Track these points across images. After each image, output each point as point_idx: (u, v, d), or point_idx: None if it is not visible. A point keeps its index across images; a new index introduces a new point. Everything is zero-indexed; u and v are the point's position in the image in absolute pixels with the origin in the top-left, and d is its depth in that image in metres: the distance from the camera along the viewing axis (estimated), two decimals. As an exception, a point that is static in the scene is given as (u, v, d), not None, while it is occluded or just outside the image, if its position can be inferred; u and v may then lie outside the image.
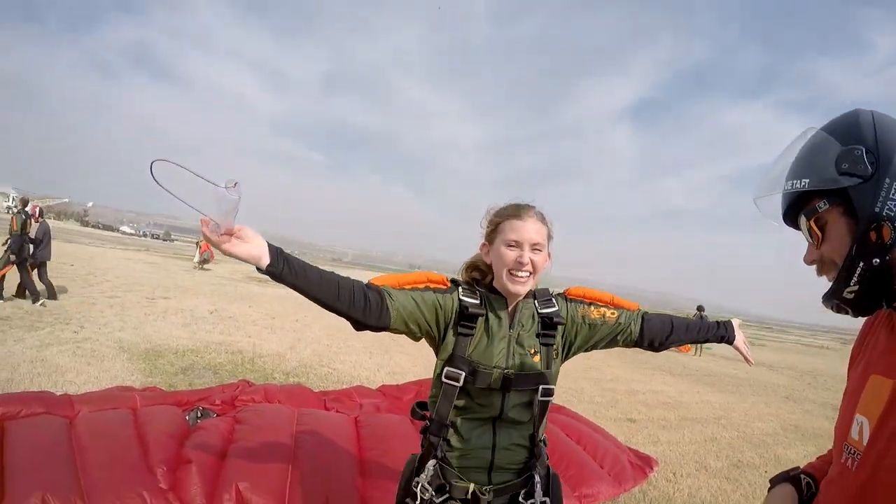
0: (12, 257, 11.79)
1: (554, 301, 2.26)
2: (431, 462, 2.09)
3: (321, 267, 1.92)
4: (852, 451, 1.24)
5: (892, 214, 1.18)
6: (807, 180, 1.29)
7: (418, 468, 2.16)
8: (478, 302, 2.15)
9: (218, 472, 3.59)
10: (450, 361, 2.09)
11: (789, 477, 1.58)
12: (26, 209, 12.39)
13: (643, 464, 5.41)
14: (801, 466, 1.62)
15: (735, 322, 2.58)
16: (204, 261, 32.04)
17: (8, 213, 12.01)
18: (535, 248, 2.10)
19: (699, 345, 22.39)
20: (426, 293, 2.11)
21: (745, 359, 2.55)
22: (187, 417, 4.55)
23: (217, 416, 4.70)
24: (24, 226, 12.06)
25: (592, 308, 2.28)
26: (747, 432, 9.03)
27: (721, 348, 27.48)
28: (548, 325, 2.18)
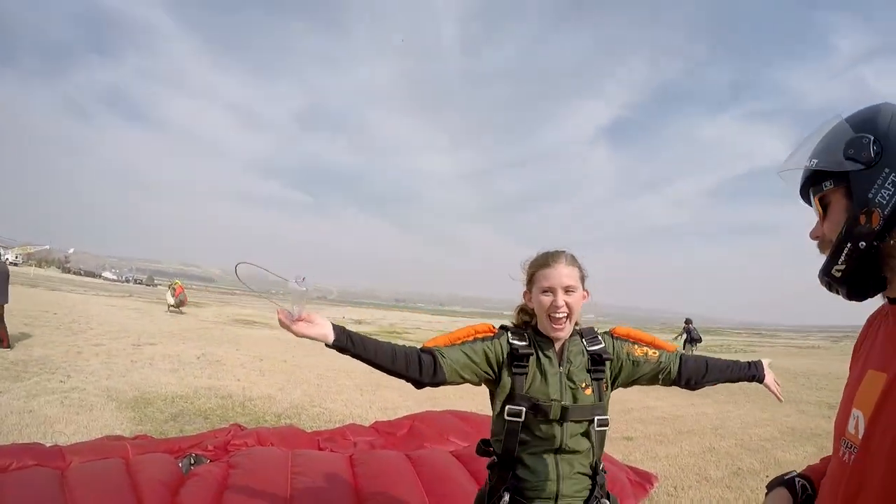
0: None
1: (600, 338, 2.44)
2: (507, 496, 2.25)
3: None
4: (849, 446, 1.28)
5: (884, 202, 1.25)
6: (816, 160, 1.40)
7: (489, 501, 2.33)
8: (526, 343, 2.35)
9: (214, 518, 3.54)
10: (510, 400, 2.30)
11: (783, 481, 1.62)
12: None
13: (643, 480, 5.38)
14: (799, 469, 1.66)
15: (765, 362, 2.77)
16: (180, 303, 31.71)
17: None
18: (567, 290, 2.30)
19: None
20: (475, 344, 2.32)
21: (776, 396, 2.69)
22: (180, 465, 4.48)
23: (210, 461, 4.64)
24: None
25: (636, 346, 2.47)
26: (745, 439, 9.05)
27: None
28: (597, 361, 2.36)
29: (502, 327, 2.46)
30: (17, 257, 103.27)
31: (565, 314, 2.29)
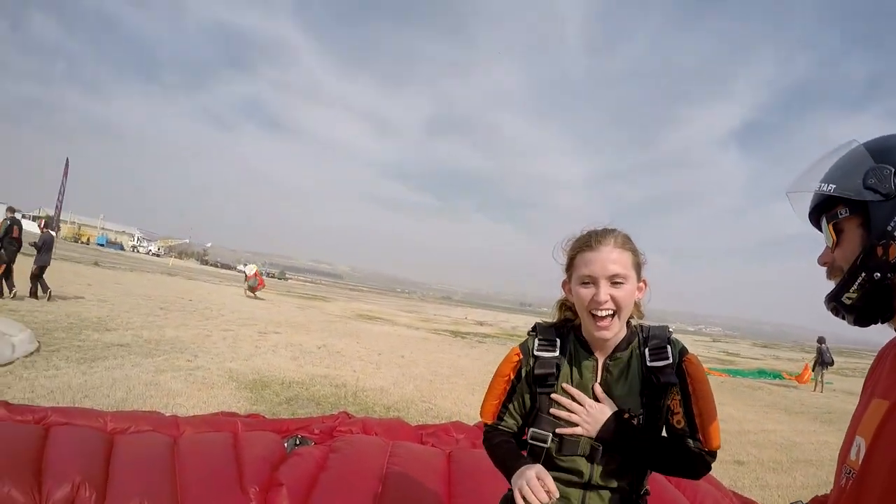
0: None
1: (669, 351, 1.85)
2: None
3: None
4: (849, 472, 1.26)
5: None
6: (833, 186, 1.35)
7: None
8: (554, 355, 1.91)
9: (307, 496, 3.59)
10: (535, 421, 1.92)
11: None
12: (13, 216, 15.00)
13: (744, 506, 5.01)
14: (806, 501, 1.72)
15: None
16: (251, 288, 31.31)
17: (133, 251, 13.81)
18: (614, 281, 1.78)
19: (820, 380, 20.81)
20: (514, 391, 2.02)
21: None
22: (285, 444, 4.59)
23: (314, 444, 4.72)
24: (9, 230, 14.58)
25: (679, 398, 1.86)
26: (868, 476, 8.24)
27: (843, 383, 25.58)
28: (654, 384, 1.83)
29: (533, 329, 2.03)
30: (158, 249, 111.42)
31: (610, 311, 1.78)
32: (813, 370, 21.77)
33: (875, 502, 1.13)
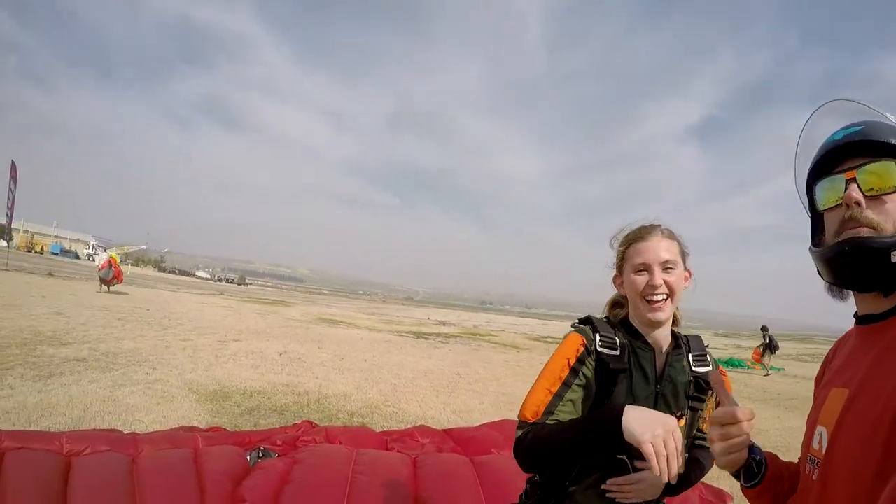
0: None
1: (709, 358, 2.00)
2: None
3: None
4: (814, 461, 1.26)
5: None
6: None
7: None
8: (618, 354, 1.87)
9: (271, 511, 3.57)
10: None
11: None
12: None
13: (715, 499, 5.10)
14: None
15: None
16: (103, 280, 27.28)
17: (88, 259, 13.22)
18: (666, 267, 1.87)
19: (768, 364, 21.31)
20: (571, 382, 1.83)
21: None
22: (248, 457, 4.54)
23: (278, 456, 4.68)
24: None
25: (714, 405, 1.94)
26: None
27: (800, 368, 26.16)
28: (700, 387, 1.94)
29: (589, 323, 1.95)
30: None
31: (664, 296, 1.84)
32: (762, 356, 22.29)
33: (841, 488, 1.13)
